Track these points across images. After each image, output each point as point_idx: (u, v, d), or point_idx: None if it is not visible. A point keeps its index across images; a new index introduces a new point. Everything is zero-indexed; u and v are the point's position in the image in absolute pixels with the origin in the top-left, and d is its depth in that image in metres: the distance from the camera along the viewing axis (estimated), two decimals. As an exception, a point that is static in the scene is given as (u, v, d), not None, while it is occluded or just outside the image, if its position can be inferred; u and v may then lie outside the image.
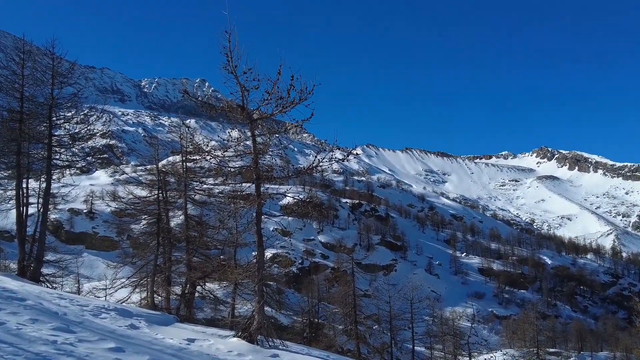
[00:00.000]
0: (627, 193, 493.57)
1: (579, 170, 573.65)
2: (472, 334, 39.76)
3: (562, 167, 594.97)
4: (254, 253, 15.45)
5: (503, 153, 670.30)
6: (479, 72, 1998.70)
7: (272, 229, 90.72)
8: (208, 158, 15.61)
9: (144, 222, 23.52)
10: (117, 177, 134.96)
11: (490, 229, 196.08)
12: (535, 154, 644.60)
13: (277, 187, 31.92)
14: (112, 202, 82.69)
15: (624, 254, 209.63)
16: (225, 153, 15.13)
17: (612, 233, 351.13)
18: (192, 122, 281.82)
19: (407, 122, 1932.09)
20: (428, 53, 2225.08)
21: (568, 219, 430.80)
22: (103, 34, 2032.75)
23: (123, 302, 21.47)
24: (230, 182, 16.31)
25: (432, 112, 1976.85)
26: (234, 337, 13.96)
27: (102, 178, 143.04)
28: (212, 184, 21.91)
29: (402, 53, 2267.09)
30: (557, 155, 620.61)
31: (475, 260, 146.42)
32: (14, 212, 21.58)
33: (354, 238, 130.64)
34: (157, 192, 22.62)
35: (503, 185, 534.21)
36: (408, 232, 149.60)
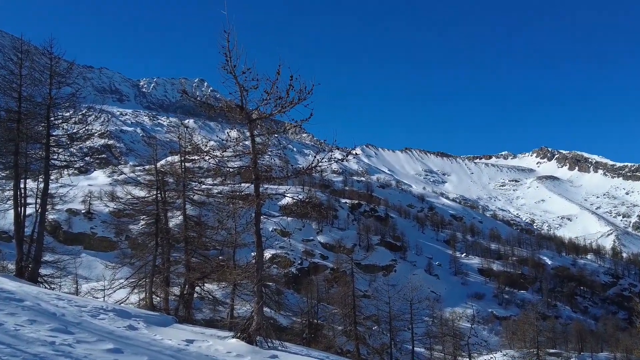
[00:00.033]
0: (627, 193, 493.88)
1: (579, 171, 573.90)
2: (471, 335, 39.74)
3: (562, 167, 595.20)
4: (253, 253, 15.42)
5: (503, 153, 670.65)
6: (479, 72, 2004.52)
7: (271, 230, 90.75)
8: (207, 158, 15.63)
9: (143, 222, 23.47)
10: (115, 177, 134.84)
11: (490, 230, 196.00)
12: (535, 154, 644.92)
13: (276, 187, 31.91)
14: (110, 202, 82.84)
15: (624, 255, 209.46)
16: (224, 153, 15.14)
17: (612, 233, 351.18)
18: (190, 122, 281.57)
19: (406, 122, 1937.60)
20: (428, 53, 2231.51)
21: (568, 219, 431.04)
22: (101, 34, 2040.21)
23: (121, 302, 21.44)
24: (229, 182, 16.33)
25: (431, 112, 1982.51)
26: (233, 338, 13.96)
27: (100, 178, 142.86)
28: (211, 184, 21.88)
29: (402, 53, 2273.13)
30: (557, 156, 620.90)
31: (475, 261, 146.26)
32: (12, 212, 21.60)
33: (354, 238, 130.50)
34: (155, 192, 22.57)
35: (503, 186, 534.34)
36: (408, 232, 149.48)
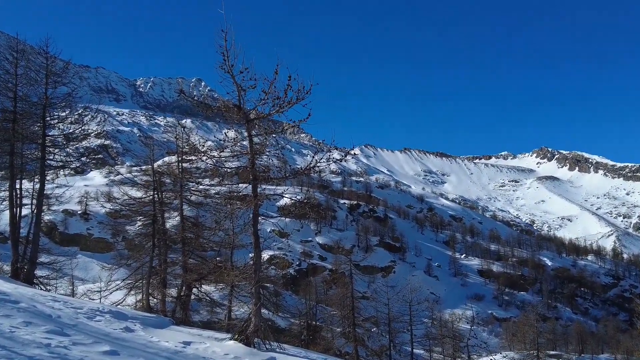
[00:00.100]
0: (628, 194, 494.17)
1: (580, 171, 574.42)
2: (471, 337, 39.55)
3: (562, 167, 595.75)
4: (251, 255, 15.35)
5: (503, 153, 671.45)
6: (479, 72, 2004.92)
7: (269, 230, 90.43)
8: (204, 158, 15.66)
9: (139, 223, 23.36)
10: (111, 177, 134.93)
11: (490, 230, 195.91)
12: (535, 154, 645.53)
13: (274, 187, 31.77)
14: (106, 203, 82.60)
15: (625, 255, 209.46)
16: (222, 153, 15.17)
17: (612, 234, 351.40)
18: (188, 122, 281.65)
19: (406, 122, 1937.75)
20: (428, 53, 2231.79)
21: (568, 220, 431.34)
22: (98, 33, 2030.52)
23: (118, 304, 21.40)
24: (227, 182, 16.30)
25: (431, 112, 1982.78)
26: (231, 339, 13.92)
27: (96, 179, 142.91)
28: (208, 185, 21.81)
29: (401, 53, 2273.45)
30: (557, 156, 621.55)
31: (475, 262, 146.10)
32: (7, 213, 21.61)
33: (352, 239, 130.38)
34: (152, 193, 22.49)
35: (503, 186, 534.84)
36: (407, 233, 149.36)
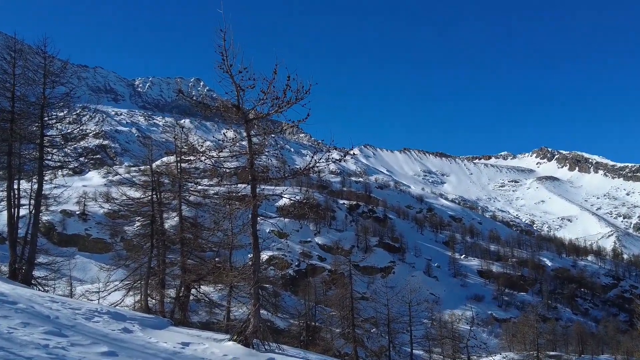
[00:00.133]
0: (628, 194, 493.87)
1: (580, 171, 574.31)
2: (471, 337, 39.57)
3: (562, 167, 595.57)
4: (250, 255, 15.29)
5: (502, 153, 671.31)
6: (479, 72, 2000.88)
7: (268, 231, 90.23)
8: (203, 159, 15.63)
9: (138, 223, 23.34)
10: (110, 178, 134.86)
11: (490, 231, 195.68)
12: (535, 155, 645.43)
13: (273, 188, 31.66)
14: (105, 203, 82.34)
15: (625, 256, 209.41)
16: (221, 153, 15.14)
17: (613, 234, 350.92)
18: (186, 122, 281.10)
19: (405, 122, 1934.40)
20: (428, 53, 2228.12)
21: (568, 220, 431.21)
22: (96, 33, 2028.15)
23: (116, 305, 21.37)
24: (226, 183, 16.29)
25: (431, 112, 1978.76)
26: (230, 340, 13.89)
27: (95, 179, 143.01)
28: (207, 185, 21.75)
29: (401, 53, 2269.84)
30: (557, 156, 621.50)
31: (475, 262, 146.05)
32: (5, 213, 21.61)
33: (352, 240, 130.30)
34: (151, 193, 22.47)
35: (502, 186, 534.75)
36: (406, 233, 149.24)
